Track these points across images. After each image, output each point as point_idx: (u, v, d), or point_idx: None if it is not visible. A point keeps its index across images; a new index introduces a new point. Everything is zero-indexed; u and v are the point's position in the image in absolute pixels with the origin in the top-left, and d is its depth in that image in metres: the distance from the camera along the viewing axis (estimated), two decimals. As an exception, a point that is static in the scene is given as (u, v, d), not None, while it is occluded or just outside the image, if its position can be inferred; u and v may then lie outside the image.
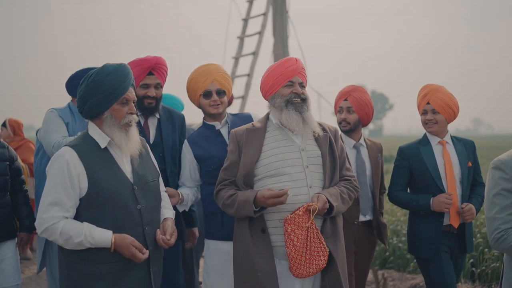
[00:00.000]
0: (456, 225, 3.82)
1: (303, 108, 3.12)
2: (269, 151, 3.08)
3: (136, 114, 2.90)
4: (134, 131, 2.85)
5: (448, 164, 3.84)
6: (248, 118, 3.84)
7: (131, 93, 2.82)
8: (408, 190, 4.15)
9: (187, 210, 3.80)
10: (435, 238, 3.84)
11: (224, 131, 3.74)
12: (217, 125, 3.75)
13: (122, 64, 2.83)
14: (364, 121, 4.11)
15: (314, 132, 3.15)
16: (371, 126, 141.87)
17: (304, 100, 3.14)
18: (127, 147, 2.80)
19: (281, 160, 3.04)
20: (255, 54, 9.91)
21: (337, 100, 4.15)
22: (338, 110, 4.10)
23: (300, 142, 3.12)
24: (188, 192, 3.72)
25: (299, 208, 2.90)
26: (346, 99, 4.05)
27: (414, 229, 4.03)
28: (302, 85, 3.17)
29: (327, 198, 2.96)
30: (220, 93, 3.71)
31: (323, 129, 3.23)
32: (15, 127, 7.62)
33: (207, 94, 3.68)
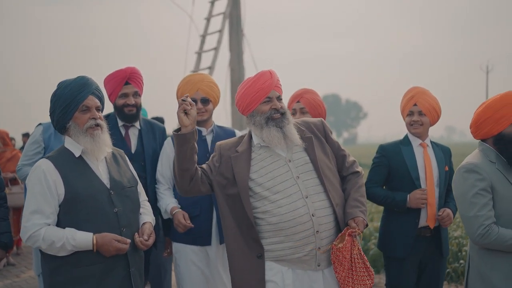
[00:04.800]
0: (432, 225, 3.82)
1: (284, 123, 3.03)
2: (257, 172, 3.01)
3: (102, 119, 2.98)
4: (101, 135, 2.92)
5: (428, 165, 3.87)
6: (232, 134, 3.99)
7: (92, 101, 2.91)
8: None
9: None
10: (409, 239, 3.82)
11: (209, 139, 3.89)
12: (204, 131, 3.88)
13: (79, 76, 2.99)
14: None
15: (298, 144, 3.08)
16: (345, 134, 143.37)
17: (283, 114, 3.06)
18: (94, 150, 2.89)
19: (271, 179, 2.96)
20: (211, 68, 10.65)
21: (289, 104, 4.16)
22: (291, 112, 4.03)
23: (285, 153, 3.05)
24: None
25: (343, 234, 2.90)
26: (298, 101, 4.07)
27: (388, 227, 4.01)
28: (279, 99, 3.10)
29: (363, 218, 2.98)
30: (205, 101, 3.83)
31: (308, 128, 3.17)
32: (4, 138, 7.67)
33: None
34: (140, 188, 3.20)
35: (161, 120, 7.80)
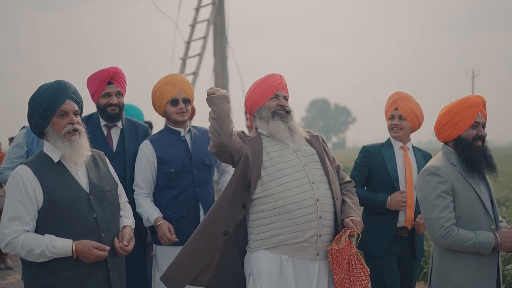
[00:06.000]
0: (410, 226, 3.94)
1: (288, 119, 3.23)
2: (267, 154, 3.17)
3: (80, 123, 2.96)
4: (79, 140, 2.90)
5: (408, 168, 3.97)
6: (207, 133, 4.18)
7: (69, 105, 2.88)
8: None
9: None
10: (386, 238, 3.93)
11: (188, 138, 3.88)
12: (182, 132, 3.88)
13: (57, 81, 2.95)
14: None
15: (303, 136, 3.31)
16: (334, 139, 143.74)
17: (288, 112, 3.26)
18: (72, 155, 2.86)
19: (280, 162, 3.13)
20: (195, 74, 10.87)
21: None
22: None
23: (293, 145, 3.23)
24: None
25: (341, 235, 3.03)
26: None
27: (368, 227, 3.96)
28: (286, 98, 3.31)
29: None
30: (186, 101, 3.84)
31: (309, 134, 3.39)
32: None
33: (174, 102, 3.81)
34: (121, 190, 3.21)
35: (149, 124, 7.81)
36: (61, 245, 2.74)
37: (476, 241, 2.97)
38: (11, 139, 12.86)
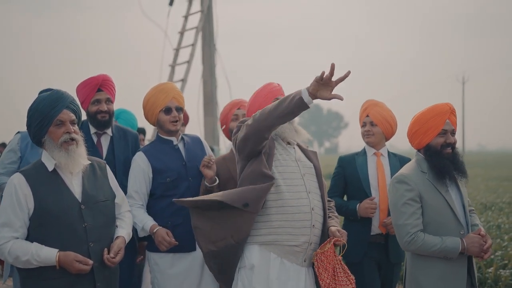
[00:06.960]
0: (384, 231, 3.97)
1: (291, 121, 3.31)
2: (275, 155, 3.24)
3: (78, 132, 3.00)
4: (76, 149, 2.93)
5: (381, 173, 4.03)
6: (198, 139, 4.06)
7: (66, 115, 2.92)
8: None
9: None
10: (361, 244, 3.99)
11: (181, 147, 3.88)
12: (175, 140, 3.86)
13: (54, 90, 3.01)
14: None
15: (302, 144, 3.43)
16: (327, 144, 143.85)
17: None
18: (68, 164, 2.90)
19: (285, 165, 3.21)
20: (184, 80, 10.97)
21: (228, 111, 4.25)
22: (232, 118, 4.16)
23: (294, 153, 3.32)
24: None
25: (326, 244, 3.11)
26: (239, 108, 4.15)
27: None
28: None
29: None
30: (178, 110, 3.83)
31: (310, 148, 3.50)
32: None
33: (168, 110, 3.79)
34: (121, 199, 3.24)
35: (142, 131, 7.73)
36: (46, 255, 2.80)
37: (442, 246, 3.07)
38: (1, 145, 12.87)
